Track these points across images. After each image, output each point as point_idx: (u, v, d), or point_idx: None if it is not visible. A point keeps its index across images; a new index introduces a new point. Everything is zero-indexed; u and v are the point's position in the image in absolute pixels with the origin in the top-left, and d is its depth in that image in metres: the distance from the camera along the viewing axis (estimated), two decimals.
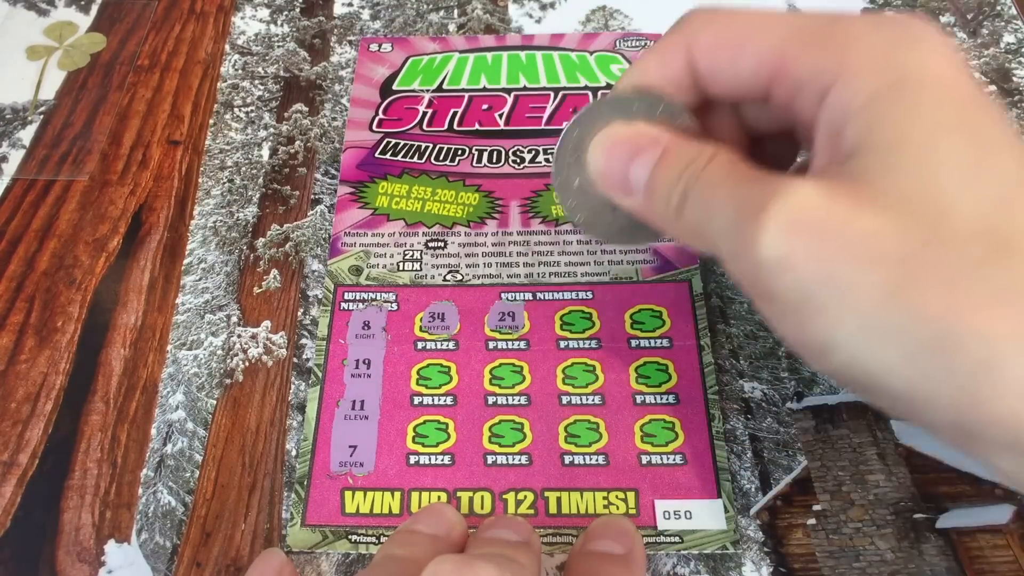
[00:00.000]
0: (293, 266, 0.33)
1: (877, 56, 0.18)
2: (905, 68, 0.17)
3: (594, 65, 0.39)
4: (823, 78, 0.19)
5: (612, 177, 0.23)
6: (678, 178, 0.21)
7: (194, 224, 0.34)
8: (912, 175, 0.16)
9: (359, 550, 0.26)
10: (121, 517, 0.27)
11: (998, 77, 0.40)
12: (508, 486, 0.27)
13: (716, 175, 0.20)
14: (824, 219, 0.17)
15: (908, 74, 0.17)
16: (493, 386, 0.29)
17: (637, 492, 0.27)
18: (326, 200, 0.35)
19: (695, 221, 0.21)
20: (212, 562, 0.26)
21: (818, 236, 0.17)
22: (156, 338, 0.31)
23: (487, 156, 0.36)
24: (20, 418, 0.29)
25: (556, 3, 0.43)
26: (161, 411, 0.29)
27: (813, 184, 0.17)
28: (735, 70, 0.21)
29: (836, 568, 0.26)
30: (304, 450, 0.28)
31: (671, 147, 0.22)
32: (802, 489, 0.28)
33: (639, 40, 0.40)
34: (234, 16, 0.43)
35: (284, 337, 0.31)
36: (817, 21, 0.19)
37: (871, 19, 0.19)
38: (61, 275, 0.33)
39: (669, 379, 0.29)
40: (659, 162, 0.22)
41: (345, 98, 0.39)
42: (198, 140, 0.37)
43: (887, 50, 0.18)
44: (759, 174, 0.19)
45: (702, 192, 0.20)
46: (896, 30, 0.18)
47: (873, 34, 0.18)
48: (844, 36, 0.19)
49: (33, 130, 0.38)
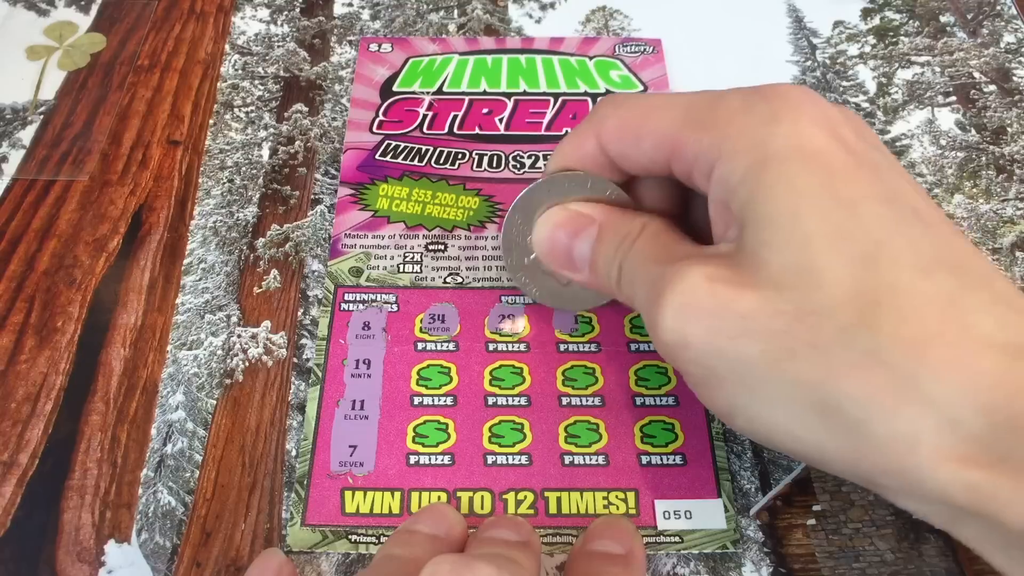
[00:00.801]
0: (293, 266, 0.33)
1: (748, 134, 0.19)
2: (772, 144, 0.19)
3: (593, 71, 0.39)
4: (708, 157, 0.20)
5: (559, 257, 0.25)
6: (614, 253, 0.23)
7: (194, 224, 0.34)
8: (784, 248, 0.18)
9: (359, 550, 0.26)
10: (121, 517, 0.27)
11: (998, 77, 0.40)
12: (508, 486, 0.27)
13: (641, 252, 0.22)
14: (709, 302, 0.18)
15: (775, 150, 0.19)
16: (493, 387, 0.29)
17: (637, 492, 0.27)
18: (326, 200, 0.35)
19: (628, 295, 0.23)
20: (212, 562, 0.26)
21: (705, 317, 0.18)
22: (156, 338, 0.31)
23: (487, 160, 0.36)
24: (20, 418, 0.29)
25: (556, 3, 0.43)
26: (161, 411, 0.29)
27: (701, 268, 0.19)
28: (638, 152, 0.23)
29: (836, 568, 0.26)
30: (304, 450, 0.28)
31: (606, 223, 0.24)
32: (802, 489, 0.28)
33: (638, 46, 0.40)
34: (234, 16, 0.43)
35: (284, 337, 0.31)
36: (703, 101, 0.21)
37: (747, 97, 0.20)
38: (61, 275, 0.33)
39: (669, 381, 0.29)
40: (597, 238, 0.24)
41: (345, 98, 0.39)
42: (198, 140, 0.37)
43: (757, 127, 0.19)
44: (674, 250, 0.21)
45: (629, 268, 0.22)
46: (767, 106, 0.19)
47: (746, 113, 0.20)
48: (723, 116, 0.20)
49: (33, 130, 0.38)
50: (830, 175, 0.18)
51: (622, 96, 0.24)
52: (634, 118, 0.23)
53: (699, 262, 0.19)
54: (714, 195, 0.21)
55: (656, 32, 0.42)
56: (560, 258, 0.25)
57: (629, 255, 0.22)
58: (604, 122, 0.23)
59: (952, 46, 0.42)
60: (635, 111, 0.23)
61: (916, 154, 0.38)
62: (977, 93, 0.40)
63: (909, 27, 0.43)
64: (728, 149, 0.19)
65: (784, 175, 0.18)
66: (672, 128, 0.21)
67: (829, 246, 0.17)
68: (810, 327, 0.17)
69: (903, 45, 0.42)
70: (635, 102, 0.23)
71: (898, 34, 0.43)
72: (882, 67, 0.41)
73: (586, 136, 0.24)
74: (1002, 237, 0.34)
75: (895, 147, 0.38)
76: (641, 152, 0.23)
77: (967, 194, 0.36)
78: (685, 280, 0.19)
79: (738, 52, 0.42)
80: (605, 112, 0.24)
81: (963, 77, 0.41)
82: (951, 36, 0.42)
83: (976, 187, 0.36)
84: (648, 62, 0.40)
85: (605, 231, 0.24)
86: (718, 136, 0.20)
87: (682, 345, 0.19)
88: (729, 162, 0.19)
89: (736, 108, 0.20)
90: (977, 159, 0.37)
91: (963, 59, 0.41)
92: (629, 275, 0.22)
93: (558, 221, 0.25)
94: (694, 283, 0.19)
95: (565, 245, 0.25)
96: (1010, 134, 0.38)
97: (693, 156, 0.21)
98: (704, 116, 0.21)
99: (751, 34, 0.42)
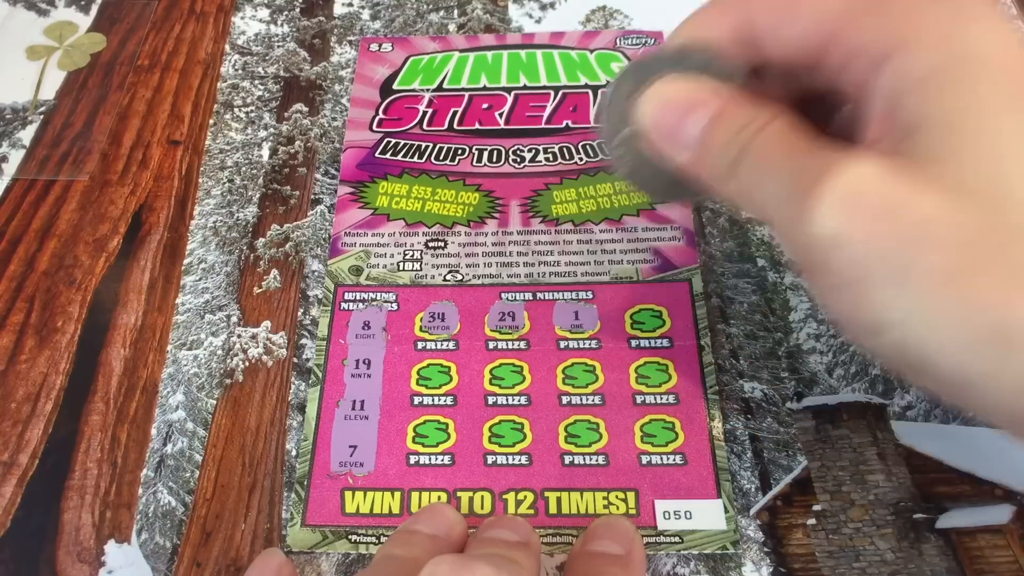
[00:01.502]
0: (293, 266, 0.33)
1: (939, 29, 0.17)
2: (967, 44, 0.17)
3: (594, 63, 0.39)
4: (882, 46, 0.18)
5: (665, 130, 0.22)
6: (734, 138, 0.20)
7: (194, 224, 0.34)
8: (975, 158, 0.16)
9: (359, 550, 0.26)
10: (121, 517, 0.27)
11: None
12: (508, 486, 0.27)
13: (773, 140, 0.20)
14: (883, 198, 0.16)
15: (970, 50, 0.17)
16: (493, 386, 0.29)
17: (637, 492, 0.27)
18: (326, 200, 0.35)
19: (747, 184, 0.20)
20: (212, 562, 0.26)
21: (876, 215, 0.16)
22: (156, 338, 0.31)
23: (487, 155, 0.36)
24: (20, 418, 0.29)
25: (556, 3, 0.43)
26: (161, 411, 0.29)
27: (873, 161, 0.17)
28: (791, 29, 0.20)
29: (836, 568, 0.26)
30: (304, 450, 0.28)
31: (729, 105, 0.21)
32: (802, 489, 0.28)
33: (640, 38, 0.40)
34: (234, 16, 0.43)
35: (284, 337, 0.31)
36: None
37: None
38: (61, 275, 0.33)
39: (669, 379, 0.29)
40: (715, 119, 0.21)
41: (345, 98, 0.39)
42: (198, 140, 0.37)
43: (950, 24, 0.17)
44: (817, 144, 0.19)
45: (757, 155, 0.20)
46: (958, 4, 0.18)
47: (936, 6, 0.18)
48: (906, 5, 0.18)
49: (33, 130, 0.38)
50: None
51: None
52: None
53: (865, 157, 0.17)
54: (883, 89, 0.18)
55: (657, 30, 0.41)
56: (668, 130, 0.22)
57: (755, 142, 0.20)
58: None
59: None
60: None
61: None
62: None
63: None
64: (913, 40, 0.17)
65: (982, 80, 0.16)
66: (840, 7, 0.19)
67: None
68: (1001, 244, 0.15)
69: None
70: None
71: None
72: None
73: (731, 4, 0.22)
74: None
75: None
76: (795, 30, 0.20)
77: None
78: (854, 169, 0.17)
79: None
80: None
81: None
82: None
83: None
84: None
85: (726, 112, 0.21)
86: (899, 26, 0.18)
87: (840, 242, 0.17)
88: (912, 56, 0.17)
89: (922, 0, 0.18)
90: None
91: None
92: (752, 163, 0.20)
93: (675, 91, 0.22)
94: (865, 174, 0.17)
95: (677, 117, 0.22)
96: None
97: (860, 44, 0.19)
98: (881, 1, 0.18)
99: None
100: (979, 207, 0.16)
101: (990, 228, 0.16)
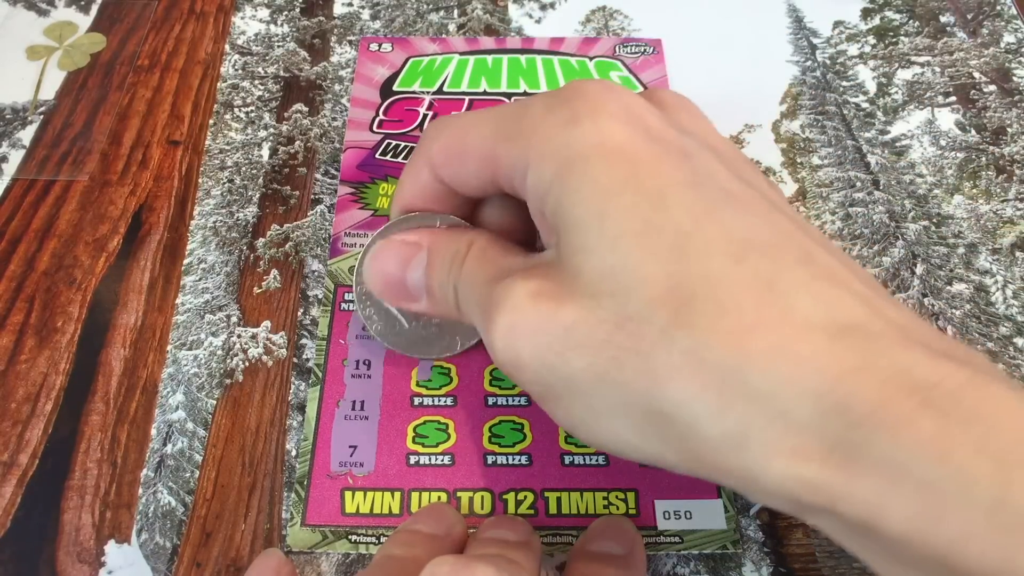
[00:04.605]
0: (293, 266, 0.33)
1: (551, 139, 0.19)
2: (573, 145, 0.18)
3: (594, 71, 0.39)
4: (520, 167, 0.20)
5: (394, 289, 0.25)
6: (447, 276, 0.22)
7: (194, 224, 0.34)
8: (595, 252, 0.17)
9: (359, 550, 0.26)
10: (121, 517, 0.27)
11: (998, 77, 0.40)
12: (508, 486, 0.27)
13: (472, 269, 0.22)
14: (534, 319, 0.18)
15: (576, 151, 0.18)
16: (493, 387, 0.29)
17: (637, 492, 0.27)
18: (326, 200, 0.35)
19: (468, 318, 0.22)
20: (212, 562, 0.26)
21: (533, 335, 0.18)
22: (156, 338, 0.31)
23: None
24: (20, 418, 0.29)
25: (556, 3, 0.43)
26: (161, 411, 0.29)
27: (524, 284, 0.18)
28: (466, 172, 0.22)
29: (836, 568, 0.26)
30: (304, 450, 0.28)
31: (434, 245, 0.24)
32: None
33: (638, 46, 0.40)
34: (234, 16, 0.43)
35: (284, 337, 0.31)
36: (512, 111, 0.21)
37: (548, 100, 0.20)
38: (61, 275, 0.33)
39: None
40: (428, 262, 0.23)
41: (345, 98, 0.39)
42: (198, 140, 0.37)
43: (559, 131, 0.19)
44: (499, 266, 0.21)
45: (465, 290, 0.22)
46: (567, 108, 0.19)
47: (548, 118, 0.19)
48: (528, 125, 0.20)
49: (33, 130, 0.38)
50: (634, 168, 0.17)
51: (445, 118, 0.23)
52: (456, 138, 0.22)
53: (523, 276, 0.19)
54: (530, 204, 0.20)
55: (656, 32, 0.42)
56: (395, 289, 0.25)
57: (461, 275, 0.22)
58: (432, 147, 0.23)
59: (952, 46, 0.42)
60: (456, 130, 0.22)
61: (916, 154, 0.38)
62: (977, 93, 0.40)
63: (909, 27, 0.43)
64: (534, 156, 0.19)
65: (587, 175, 0.17)
66: (488, 143, 0.21)
67: (638, 243, 0.16)
68: (631, 333, 0.16)
69: (903, 45, 0.42)
70: (455, 121, 0.23)
71: (898, 34, 0.43)
72: (882, 67, 0.41)
73: (420, 166, 0.24)
74: (1002, 237, 0.34)
75: (895, 147, 0.38)
76: (469, 172, 0.22)
77: (967, 195, 0.36)
78: (510, 298, 0.18)
79: (738, 52, 0.42)
80: (432, 135, 0.23)
81: (963, 77, 0.41)
82: (951, 36, 0.42)
83: (976, 188, 0.36)
84: (648, 63, 0.40)
85: (434, 252, 0.23)
86: (525, 146, 0.19)
87: (516, 365, 0.19)
88: (536, 170, 0.19)
89: (539, 114, 0.19)
90: (977, 159, 0.37)
91: (963, 59, 0.41)
92: (465, 297, 0.22)
93: (386, 251, 0.24)
94: (518, 301, 0.18)
95: (398, 276, 0.24)
96: (1010, 134, 0.38)
97: (509, 168, 0.20)
98: (512, 126, 0.20)
99: (751, 34, 0.42)
100: (606, 304, 0.17)
101: (619, 320, 0.17)
